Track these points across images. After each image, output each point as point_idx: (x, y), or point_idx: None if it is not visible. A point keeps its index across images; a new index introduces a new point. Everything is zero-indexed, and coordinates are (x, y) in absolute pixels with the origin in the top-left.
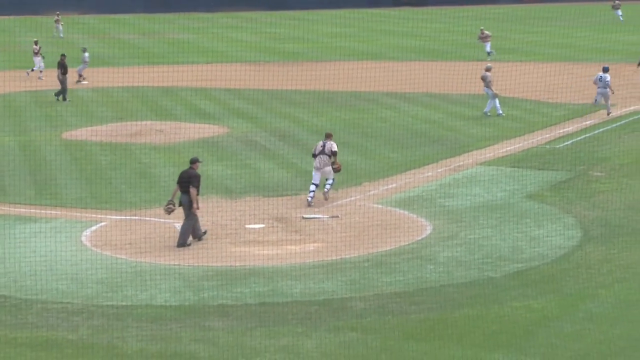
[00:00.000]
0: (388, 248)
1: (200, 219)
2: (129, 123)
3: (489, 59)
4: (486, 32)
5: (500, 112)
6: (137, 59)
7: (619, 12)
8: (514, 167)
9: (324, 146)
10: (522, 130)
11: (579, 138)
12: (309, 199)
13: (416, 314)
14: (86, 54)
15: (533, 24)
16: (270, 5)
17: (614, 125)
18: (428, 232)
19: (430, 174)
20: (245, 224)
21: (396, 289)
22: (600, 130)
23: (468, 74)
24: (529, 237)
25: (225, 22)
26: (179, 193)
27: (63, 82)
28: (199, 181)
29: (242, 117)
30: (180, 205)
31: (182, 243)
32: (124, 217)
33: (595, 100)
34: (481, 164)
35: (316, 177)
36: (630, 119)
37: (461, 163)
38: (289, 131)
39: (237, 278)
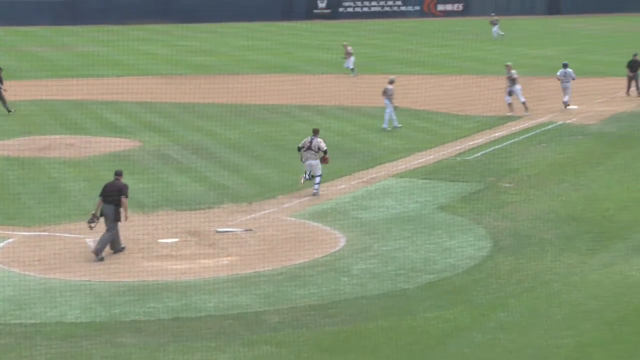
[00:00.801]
0: (302, 261)
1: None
2: (37, 137)
3: (352, 75)
4: (349, 48)
5: (397, 124)
6: (45, 72)
7: (496, 28)
8: (425, 179)
9: (311, 142)
10: (433, 143)
11: (488, 150)
12: (315, 189)
13: (330, 327)
14: None
15: (442, 38)
16: (182, 18)
17: (522, 137)
18: (342, 244)
19: (343, 186)
20: (158, 238)
21: (310, 301)
22: (509, 142)
23: (379, 86)
24: (441, 249)
25: (136, 35)
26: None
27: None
28: (127, 190)
29: (154, 130)
30: (101, 216)
31: (98, 249)
32: (33, 233)
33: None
34: (394, 176)
35: (307, 169)
36: (538, 130)
37: (374, 175)
38: (202, 145)
39: (150, 293)
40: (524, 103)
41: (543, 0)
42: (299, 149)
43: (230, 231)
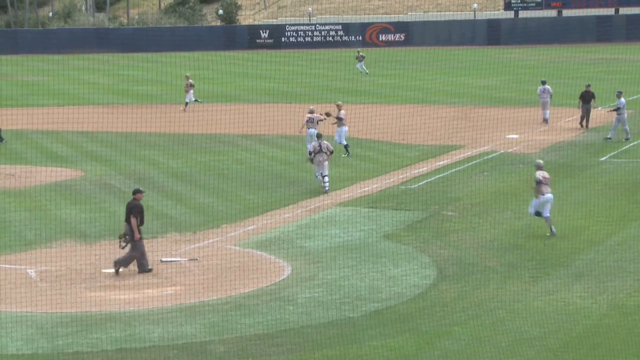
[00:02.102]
0: (248, 290)
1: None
2: None
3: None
4: (190, 80)
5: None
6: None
7: (361, 64)
8: (370, 207)
9: (320, 145)
10: (377, 171)
11: (432, 179)
12: (326, 187)
13: (277, 356)
14: None
15: (384, 67)
16: (123, 48)
17: (464, 166)
18: (287, 273)
19: (288, 215)
20: (101, 268)
21: (257, 331)
22: (452, 171)
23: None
24: (386, 277)
25: (76, 64)
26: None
27: None
28: (140, 211)
29: (96, 160)
30: (125, 234)
31: (143, 269)
32: None
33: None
34: (338, 204)
35: (317, 170)
36: (480, 160)
37: (319, 204)
38: (145, 174)
39: (94, 324)
40: (346, 146)
41: (483, 32)
42: (310, 153)
43: (174, 261)
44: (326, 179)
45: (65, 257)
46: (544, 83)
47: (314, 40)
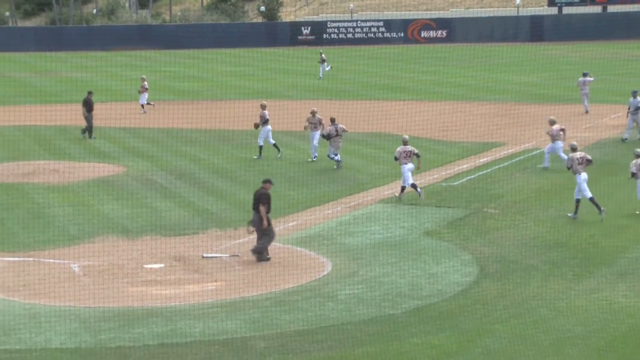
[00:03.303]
0: (289, 286)
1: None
2: (22, 163)
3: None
4: (146, 83)
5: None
6: (30, 97)
7: (325, 65)
8: (411, 204)
9: (336, 129)
10: (418, 168)
11: (473, 176)
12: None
13: (317, 352)
14: None
15: (426, 64)
16: (165, 44)
17: (506, 163)
18: (328, 270)
19: (329, 211)
20: (143, 263)
21: (297, 327)
22: (494, 168)
23: (365, 112)
24: (427, 274)
25: (119, 61)
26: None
27: (88, 119)
28: (268, 200)
29: (138, 156)
30: (252, 222)
31: (260, 258)
32: (17, 259)
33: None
34: (379, 201)
35: (331, 151)
36: (522, 157)
37: (360, 201)
38: (187, 170)
39: (136, 319)
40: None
41: (526, 28)
42: (326, 136)
43: (216, 256)
44: (339, 156)
45: (108, 252)
46: (585, 75)
47: (356, 36)
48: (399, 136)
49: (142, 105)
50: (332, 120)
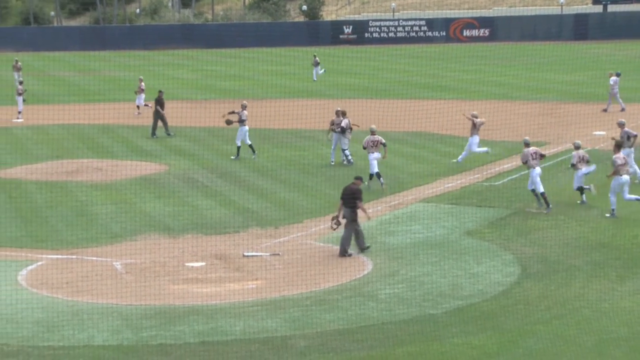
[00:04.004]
0: (329, 285)
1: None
2: (66, 161)
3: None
4: (142, 84)
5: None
6: (74, 96)
7: (318, 68)
8: (452, 204)
9: (340, 124)
10: (460, 168)
11: (515, 175)
12: (347, 159)
13: (358, 352)
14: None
15: (466, 63)
16: (208, 43)
17: (549, 162)
18: (369, 269)
19: (370, 211)
20: (185, 262)
21: (338, 326)
22: None
23: (406, 111)
24: (468, 274)
25: (162, 60)
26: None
27: (162, 117)
28: (361, 195)
29: (181, 154)
30: (343, 218)
31: (342, 252)
32: (61, 256)
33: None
34: (420, 201)
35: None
36: (565, 156)
37: (401, 200)
38: (228, 169)
39: (177, 317)
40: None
41: (570, 26)
42: (343, 129)
43: (257, 255)
44: (348, 151)
45: (150, 250)
46: (618, 75)
47: (397, 35)
48: (440, 135)
49: (138, 107)
50: (344, 114)
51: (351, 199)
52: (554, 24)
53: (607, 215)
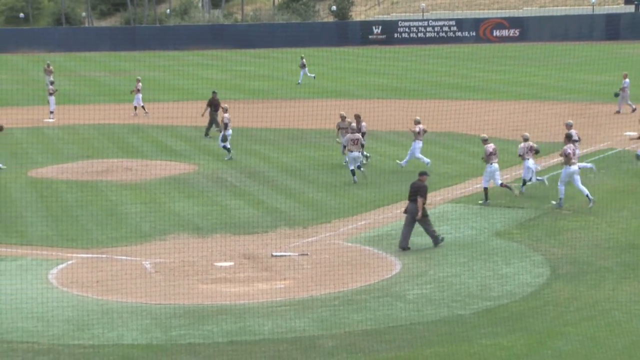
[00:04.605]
0: (357, 286)
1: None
2: (96, 161)
3: None
4: (139, 84)
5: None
6: (104, 96)
7: (306, 70)
8: (481, 205)
9: (361, 129)
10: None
11: (545, 176)
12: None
13: (386, 352)
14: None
15: (496, 63)
16: (237, 44)
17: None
18: (397, 270)
19: (399, 211)
20: (214, 261)
21: (366, 326)
22: None
23: (434, 111)
24: (497, 275)
25: (192, 60)
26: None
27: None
28: (425, 192)
29: (210, 154)
30: (405, 212)
31: (403, 246)
32: (91, 255)
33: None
34: (449, 201)
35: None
36: (596, 157)
37: (430, 200)
38: (257, 169)
39: (206, 316)
40: (228, 149)
41: (601, 26)
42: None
43: (285, 255)
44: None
45: (179, 249)
46: (625, 76)
47: (427, 36)
48: (469, 136)
49: (135, 107)
50: (358, 117)
51: (415, 195)
52: (585, 24)
53: (553, 202)
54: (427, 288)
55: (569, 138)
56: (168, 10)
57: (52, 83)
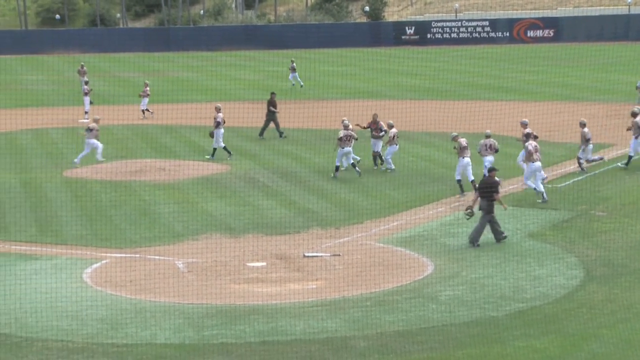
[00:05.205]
0: (390, 287)
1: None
2: (130, 161)
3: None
4: (148, 89)
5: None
6: (138, 97)
7: (296, 74)
8: (515, 206)
9: (381, 128)
10: (522, 170)
11: (580, 177)
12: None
13: (418, 354)
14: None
15: (530, 64)
16: (270, 44)
17: (615, 164)
18: (430, 271)
19: (431, 212)
20: (246, 261)
21: (398, 327)
22: (601, 170)
23: (467, 112)
24: (531, 277)
25: (225, 61)
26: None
27: (274, 119)
28: (498, 187)
29: (243, 155)
30: (480, 209)
31: (473, 239)
32: (125, 255)
33: None
34: None
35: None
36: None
37: (462, 202)
38: (289, 169)
39: (239, 316)
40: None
41: (637, 26)
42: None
43: (317, 256)
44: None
45: (212, 249)
46: None
47: (460, 36)
48: (502, 137)
49: (143, 111)
50: (375, 117)
51: (488, 191)
52: (621, 24)
53: (539, 201)
54: (460, 289)
55: (528, 136)
56: (202, 11)
57: (86, 83)
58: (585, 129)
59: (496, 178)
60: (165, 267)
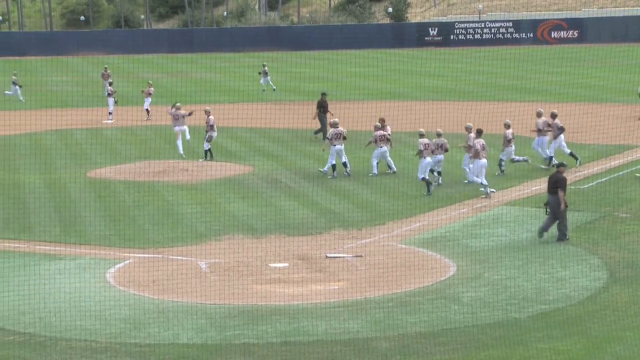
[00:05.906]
0: (412, 288)
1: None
2: (153, 161)
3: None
4: (151, 89)
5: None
6: (161, 98)
7: (267, 79)
8: (538, 207)
9: (387, 135)
10: (545, 171)
11: (603, 179)
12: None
13: (441, 355)
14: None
15: (554, 65)
16: (293, 46)
17: (639, 166)
18: (452, 272)
19: (454, 213)
20: (268, 262)
21: (420, 329)
22: (626, 171)
23: (490, 114)
24: (554, 278)
25: (248, 62)
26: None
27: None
28: (565, 184)
29: (265, 156)
30: (546, 205)
31: (540, 232)
32: (148, 255)
33: None
34: (505, 204)
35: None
36: None
37: (485, 203)
38: (312, 170)
39: (261, 317)
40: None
41: None
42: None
43: (339, 256)
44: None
45: (234, 250)
46: None
47: (484, 37)
48: (525, 138)
49: (147, 111)
50: (381, 121)
51: (554, 187)
52: None
53: (483, 197)
54: (482, 291)
55: (479, 133)
56: (225, 13)
57: (110, 84)
58: (508, 131)
59: (564, 175)
60: (187, 268)
